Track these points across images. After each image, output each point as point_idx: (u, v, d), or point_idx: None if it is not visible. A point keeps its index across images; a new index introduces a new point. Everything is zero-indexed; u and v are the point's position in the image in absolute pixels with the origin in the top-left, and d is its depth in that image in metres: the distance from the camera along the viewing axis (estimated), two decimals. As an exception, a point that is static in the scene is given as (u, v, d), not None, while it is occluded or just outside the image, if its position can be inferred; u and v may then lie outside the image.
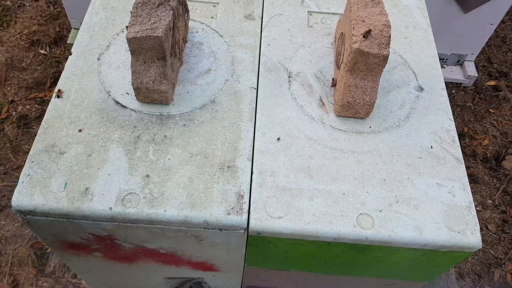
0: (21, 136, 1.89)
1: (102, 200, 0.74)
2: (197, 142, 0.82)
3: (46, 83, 2.05)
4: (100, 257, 0.91)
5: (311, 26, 1.04)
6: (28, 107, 1.98)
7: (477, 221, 0.77)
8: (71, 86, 0.88)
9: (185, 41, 0.96)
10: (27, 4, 2.35)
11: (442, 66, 2.13)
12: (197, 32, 1.00)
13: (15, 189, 0.74)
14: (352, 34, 0.80)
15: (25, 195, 0.74)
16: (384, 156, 0.84)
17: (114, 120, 0.84)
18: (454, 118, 0.90)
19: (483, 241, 1.42)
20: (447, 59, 2.11)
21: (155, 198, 0.75)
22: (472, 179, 1.90)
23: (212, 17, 1.03)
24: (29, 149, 0.90)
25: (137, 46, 0.78)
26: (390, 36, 0.79)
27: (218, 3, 1.06)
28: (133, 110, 0.86)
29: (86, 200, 0.74)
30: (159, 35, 0.76)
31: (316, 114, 0.89)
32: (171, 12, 0.80)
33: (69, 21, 2.00)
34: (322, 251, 0.80)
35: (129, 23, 0.78)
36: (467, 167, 0.85)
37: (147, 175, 0.77)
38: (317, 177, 0.80)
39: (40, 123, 0.85)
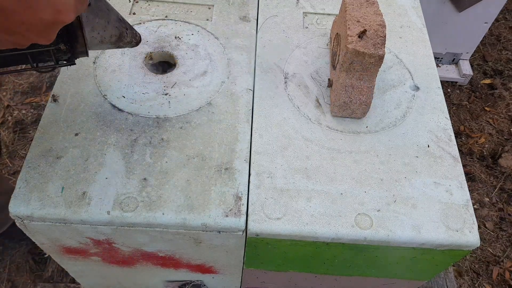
0: (17, 141, 1.89)
1: (99, 204, 0.74)
2: (194, 145, 0.82)
3: (42, 87, 2.04)
4: (99, 261, 0.91)
5: (306, 27, 1.05)
6: (24, 112, 1.97)
7: (474, 219, 0.77)
8: (67, 90, 0.88)
9: None
10: (22, 9, 2.34)
11: (437, 65, 2.14)
12: (192, 34, 1.00)
13: (12, 195, 0.74)
14: (348, 35, 0.80)
15: (22, 200, 0.73)
16: (381, 155, 0.84)
17: (111, 123, 0.84)
18: (450, 116, 0.91)
19: (481, 239, 1.42)
20: (442, 58, 2.12)
21: (153, 201, 0.75)
22: (469, 177, 1.90)
23: (207, 19, 1.03)
24: (26, 154, 0.90)
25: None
26: (385, 36, 0.79)
27: (213, 5, 1.06)
28: (129, 113, 0.86)
29: (84, 204, 0.74)
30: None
31: (313, 114, 0.89)
32: None
33: (64, 25, 1.99)
34: (320, 252, 0.80)
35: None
36: (464, 166, 0.85)
37: (145, 178, 0.77)
38: (314, 178, 0.80)
39: (36, 128, 0.84)
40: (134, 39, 0.77)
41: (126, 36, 0.74)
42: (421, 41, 1.04)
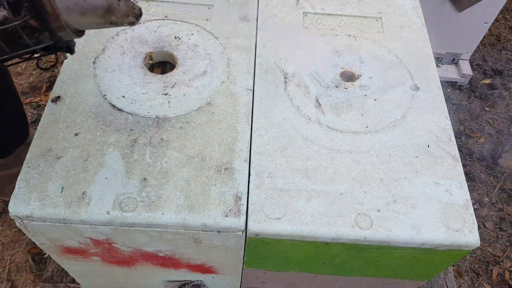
0: (17, 141, 1.88)
1: (99, 204, 0.74)
2: (194, 145, 0.82)
3: (42, 87, 2.04)
4: (98, 261, 0.91)
5: (306, 27, 1.05)
6: (23, 112, 1.96)
7: (474, 219, 0.77)
8: (67, 90, 0.88)
9: None
10: (22, 9, 2.34)
11: (437, 65, 2.14)
12: (192, 34, 1.00)
13: (12, 195, 0.74)
14: None
15: (22, 200, 0.73)
16: (381, 155, 0.84)
17: (111, 123, 0.84)
18: (450, 116, 0.90)
19: (480, 239, 1.42)
20: (442, 58, 2.12)
21: (153, 201, 0.75)
22: (469, 177, 1.90)
23: (207, 19, 1.03)
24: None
25: None
26: None
27: (213, 5, 1.06)
28: (129, 113, 0.86)
29: (83, 204, 0.74)
30: None
31: (313, 114, 0.89)
32: None
33: (64, 25, 1.99)
34: (320, 252, 0.80)
35: None
36: (464, 166, 0.85)
37: (144, 178, 0.77)
38: (314, 178, 0.80)
39: (36, 128, 0.84)
40: (132, 13, 0.63)
41: (119, 10, 0.60)
42: (421, 41, 1.04)
